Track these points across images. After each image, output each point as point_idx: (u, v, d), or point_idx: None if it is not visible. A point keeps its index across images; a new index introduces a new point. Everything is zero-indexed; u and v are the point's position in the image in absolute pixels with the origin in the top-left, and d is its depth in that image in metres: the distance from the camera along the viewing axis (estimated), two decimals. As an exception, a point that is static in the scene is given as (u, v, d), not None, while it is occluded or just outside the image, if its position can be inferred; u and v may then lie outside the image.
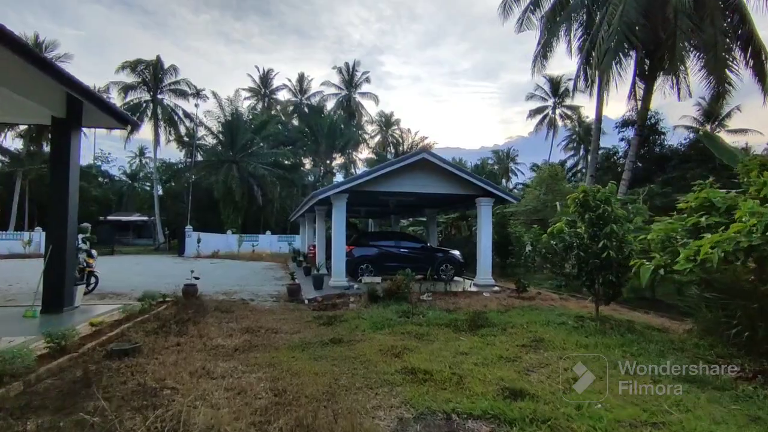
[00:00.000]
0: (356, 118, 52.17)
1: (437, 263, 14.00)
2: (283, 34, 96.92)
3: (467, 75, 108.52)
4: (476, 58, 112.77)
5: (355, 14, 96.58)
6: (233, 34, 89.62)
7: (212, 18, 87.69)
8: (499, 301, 10.19)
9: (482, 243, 12.76)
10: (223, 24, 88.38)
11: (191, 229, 31.31)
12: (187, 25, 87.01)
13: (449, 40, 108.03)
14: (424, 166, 12.37)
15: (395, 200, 14.44)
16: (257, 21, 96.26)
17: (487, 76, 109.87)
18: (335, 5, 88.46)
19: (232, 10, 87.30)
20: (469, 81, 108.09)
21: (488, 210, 12.94)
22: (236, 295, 11.19)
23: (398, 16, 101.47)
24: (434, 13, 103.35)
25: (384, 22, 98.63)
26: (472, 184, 12.62)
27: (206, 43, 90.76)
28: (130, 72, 37.51)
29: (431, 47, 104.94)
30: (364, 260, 13.43)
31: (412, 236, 16.21)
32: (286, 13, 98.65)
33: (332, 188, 11.41)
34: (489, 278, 12.79)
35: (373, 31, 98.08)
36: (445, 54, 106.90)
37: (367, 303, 9.58)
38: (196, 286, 10.13)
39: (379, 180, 11.88)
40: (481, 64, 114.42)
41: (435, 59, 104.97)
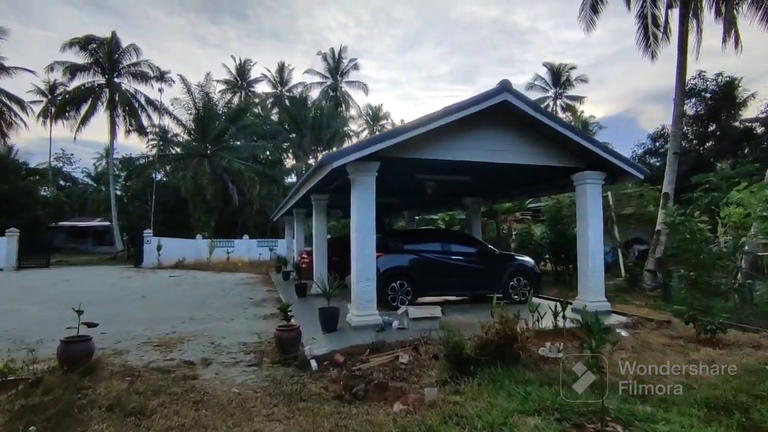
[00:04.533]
0: (344, 109, 47.04)
1: (506, 276, 9.13)
2: (261, 37, 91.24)
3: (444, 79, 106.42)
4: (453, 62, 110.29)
5: (333, 18, 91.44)
6: (210, 37, 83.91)
7: (188, 21, 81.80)
8: (683, 354, 5.35)
9: (589, 243, 7.93)
10: (200, 27, 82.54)
11: (151, 233, 25.73)
12: (162, 27, 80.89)
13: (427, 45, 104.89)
14: (500, 118, 7.50)
15: (439, 180, 9.46)
16: (234, 24, 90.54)
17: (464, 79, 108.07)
18: (313, 10, 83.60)
19: (208, 13, 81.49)
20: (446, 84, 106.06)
21: (597, 191, 8.13)
22: (180, 348, 6.08)
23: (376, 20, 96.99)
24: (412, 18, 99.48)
25: (362, 27, 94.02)
26: (575, 149, 7.80)
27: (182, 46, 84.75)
28: (79, 50, 31.59)
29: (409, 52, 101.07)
30: (397, 274, 8.43)
31: (464, 236, 11.10)
32: (263, 17, 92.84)
33: (354, 151, 6.40)
34: (602, 299, 7.98)
35: (351, 36, 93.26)
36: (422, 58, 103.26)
37: (445, 373, 4.64)
38: (91, 343, 4.98)
39: (431, 139, 6.96)
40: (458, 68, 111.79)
41: (413, 63, 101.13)
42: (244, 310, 9.54)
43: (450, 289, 9.11)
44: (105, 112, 33.08)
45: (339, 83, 47.12)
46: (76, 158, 56.87)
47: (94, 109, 32.88)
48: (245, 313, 9.13)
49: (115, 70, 33.19)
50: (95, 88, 32.76)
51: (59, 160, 56.12)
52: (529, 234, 15.27)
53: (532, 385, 4.13)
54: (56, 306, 9.93)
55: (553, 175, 8.86)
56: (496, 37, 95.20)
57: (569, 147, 7.90)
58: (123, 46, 32.83)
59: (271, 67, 52.44)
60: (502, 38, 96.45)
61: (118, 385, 4.32)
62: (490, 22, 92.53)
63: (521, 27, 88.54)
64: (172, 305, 10.13)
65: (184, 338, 6.63)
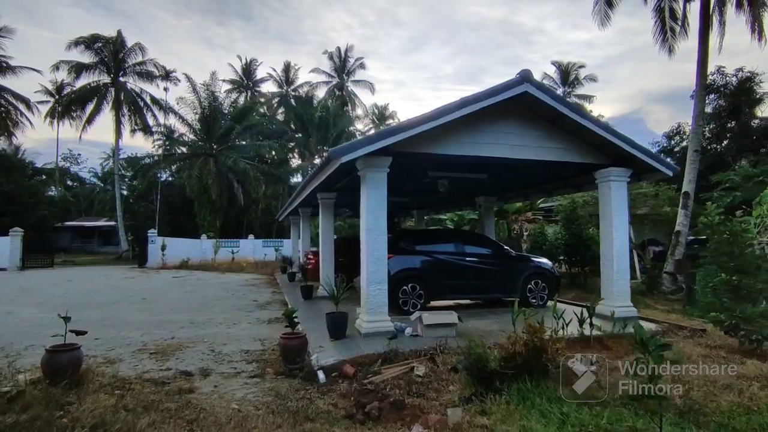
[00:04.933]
0: (350, 108, 46.54)
1: (523, 279, 8.63)
2: (267, 39, 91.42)
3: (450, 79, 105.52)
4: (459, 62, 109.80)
5: (338, 20, 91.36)
6: (216, 39, 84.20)
7: (194, 23, 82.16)
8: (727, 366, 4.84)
9: (615, 245, 7.42)
10: (206, 29, 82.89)
11: (155, 233, 25.43)
12: (169, 29, 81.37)
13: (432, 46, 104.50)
14: (519, 111, 7.04)
15: (453, 177, 8.99)
16: (240, 26, 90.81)
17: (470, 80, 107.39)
18: (319, 11, 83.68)
19: (214, 15, 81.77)
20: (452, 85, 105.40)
21: (622, 188, 7.61)
22: (178, 356, 5.66)
23: (381, 22, 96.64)
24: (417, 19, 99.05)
25: (367, 28, 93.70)
26: (598, 144, 7.30)
27: (188, 48, 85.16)
28: (84, 49, 31.39)
29: (414, 52, 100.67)
30: (409, 276, 7.95)
31: (479, 236, 10.47)
32: (269, 18, 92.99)
33: (365, 144, 5.95)
34: (629, 304, 7.46)
35: (356, 37, 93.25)
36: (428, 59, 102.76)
37: (467, 388, 4.18)
38: (79, 352, 4.57)
39: (446, 133, 6.50)
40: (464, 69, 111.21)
41: (418, 64, 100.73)
42: (247, 313, 9.12)
43: (465, 293, 8.61)
44: (110, 111, 32.88)
45: (345, 82, 46.66)
46: (83, 158, 57.11)
47: (99, 108, 32.68)
48: (249, 317, 8.70)
49: (121, 69, 32.99)
50: (100, 87, 32.55)
51: (66, 161, 56.24)
52: (542, 234, 14.73)
53: (569, 405, 3.66)
54: (53, 308, 9.51)
55: (572, 172, 8.35)
56: (502, 37, 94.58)
57: (592, 141, 7.40)
58: (128, 45, 32.61)
59: (276, 67, 51.98)
60: (507, 39, 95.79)
61: (106, 401, 3.89)
62: (496, 22, 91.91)
63: (527, 27, 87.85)
64: (173, 308, 9.73)
65: (183, 345, 6.21)
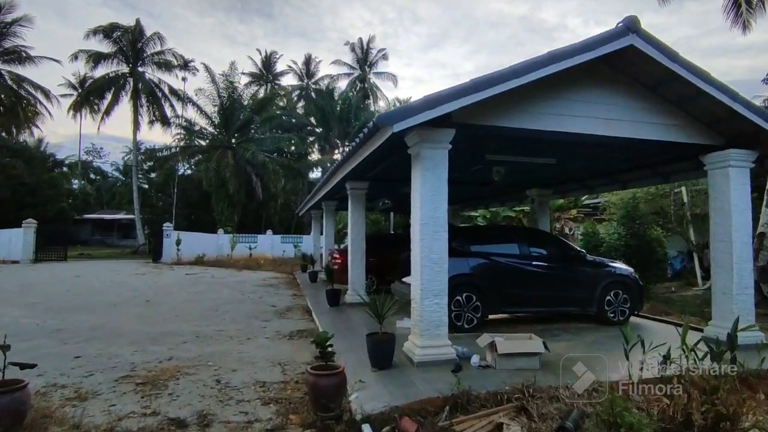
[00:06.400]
0: (372, 101, 44.97)
1: (601, 289, 6.99)
2: (287, 36, 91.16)
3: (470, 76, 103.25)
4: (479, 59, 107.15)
5: (358, 17, 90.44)
6: (238, 36, 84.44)
7: (217, 21, 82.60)
8: None
9: (734, 250, 5.75)
10: (228, 27, 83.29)
11: (171, 227, 24.42)
12: (193, 27, 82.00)
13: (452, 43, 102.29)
14: (610, 75, 5.43)
15: (515, 162, 7.37)
16: (261, 24, 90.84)
17: None
18: (338, 8, 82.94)
19: (237, 13, 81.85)
20: None
21: (744, 177, 5.90)
22: (171, 389, 4.23)
23: (401, 18, 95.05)
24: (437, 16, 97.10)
25: (387, 25, 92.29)
26: (714, 118, 5.63)
27: (211, 45, 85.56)
28: (103, 38, 30.62)
29: (434, 49, 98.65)
30: (463, 284, 6.38)
31: (545, 235, 8.69)
32: (289, 16, 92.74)
33: (423, 109, 4.37)
34: (753, 328, 5.78)
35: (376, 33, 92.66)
36: (447, 56, 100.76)
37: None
38: (23, 393, 3.18)
39: (520, 101, 4.95)
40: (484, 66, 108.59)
41: (437, 61, 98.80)
42: (264, 323, 7.70)
43: (530, 306, 6.95)
44: (129, 101, 32.19)
45: (367, 74, 45.09)
46: (105, 152, 57.25)
47: (117, 98, 32.01)
48: (266, 328, 7.28)
49: (139, 58, 32.22)
50: (119, 77, 31.85)
51: (89, 154, 56.45)
52: (595, 234, 12.99)
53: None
54: (44, 311, 8.32)
55: (666, 157, 6.68)
56: (523, 34, 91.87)
57: (706, 115, 5.73)
58: (147, 35, 31.80)
59: (297, 60, 50.80)
60: (529, 35, 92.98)
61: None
62: (517, 19, 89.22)
63: (549, 24, 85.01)
64: (178, 314, 8.39)
65: (182, 370, 4.81)
